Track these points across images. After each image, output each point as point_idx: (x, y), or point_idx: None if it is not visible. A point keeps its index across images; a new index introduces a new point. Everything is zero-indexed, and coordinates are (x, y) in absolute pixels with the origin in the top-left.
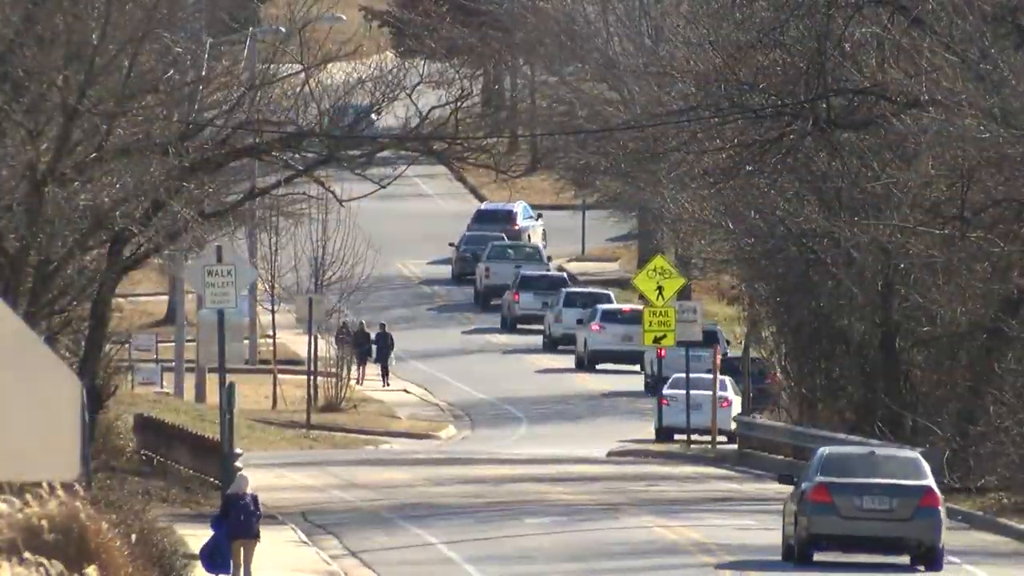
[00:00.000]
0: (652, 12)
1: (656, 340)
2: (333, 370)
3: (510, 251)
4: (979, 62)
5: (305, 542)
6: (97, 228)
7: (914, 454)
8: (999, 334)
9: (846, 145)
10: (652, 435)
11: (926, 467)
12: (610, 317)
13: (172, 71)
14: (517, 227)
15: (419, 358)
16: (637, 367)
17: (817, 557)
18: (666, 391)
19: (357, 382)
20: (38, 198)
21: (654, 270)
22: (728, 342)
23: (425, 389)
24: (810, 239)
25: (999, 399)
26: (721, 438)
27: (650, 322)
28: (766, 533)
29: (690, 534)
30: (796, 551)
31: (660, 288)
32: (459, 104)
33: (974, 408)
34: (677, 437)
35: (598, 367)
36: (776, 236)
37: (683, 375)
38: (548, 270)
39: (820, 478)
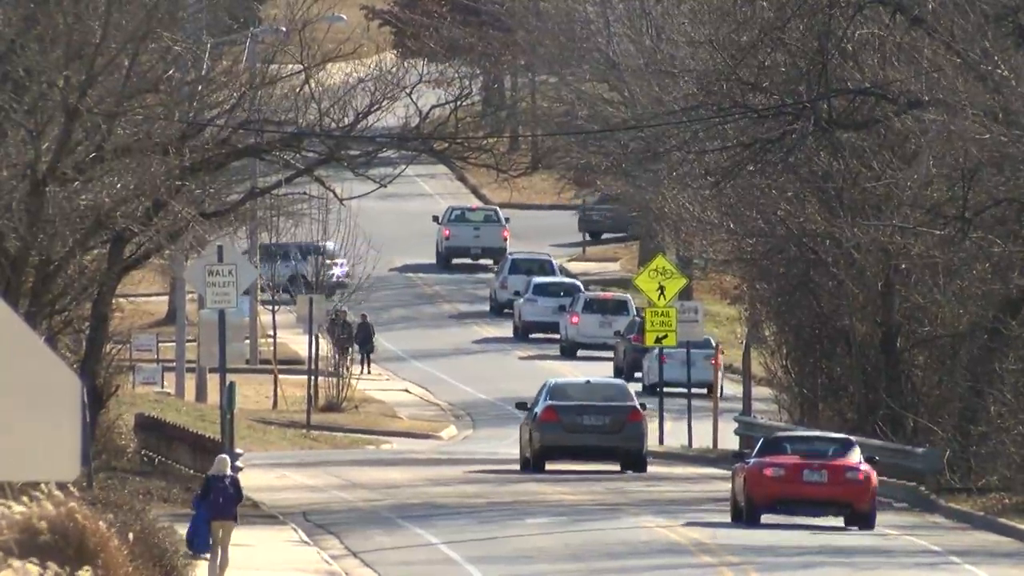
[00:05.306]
0: (653, 12)
1: (658, 340)
2: (333, 370)
3: (470, 214)
4: (980, 62)
5: (306, 542)
6: (98, 228)
7: (621, 382)
8: (1000, 334)
9: (847, 145)
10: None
11: (631, 391)
12: (542, 290)
13: (172, 71)
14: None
15: (419, 358)
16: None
17: (548, 467)
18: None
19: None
20: (39, 198)
21: (655, 270)
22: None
23: (426, 389)
24: (811, 239)
25: (1000, 399)
26: (702, 390)
27: (652, 322)
28: (766, 533)
29: (691, 534)
30: (532, 462)
31: (662, 288)
32: (459, 103)
33: (975, 408)
34: (668, 391)
35: (531, 336)
36: (777, 236)
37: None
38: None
39: (549, 402)
